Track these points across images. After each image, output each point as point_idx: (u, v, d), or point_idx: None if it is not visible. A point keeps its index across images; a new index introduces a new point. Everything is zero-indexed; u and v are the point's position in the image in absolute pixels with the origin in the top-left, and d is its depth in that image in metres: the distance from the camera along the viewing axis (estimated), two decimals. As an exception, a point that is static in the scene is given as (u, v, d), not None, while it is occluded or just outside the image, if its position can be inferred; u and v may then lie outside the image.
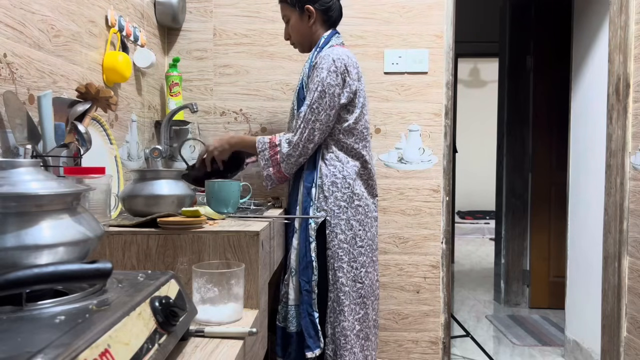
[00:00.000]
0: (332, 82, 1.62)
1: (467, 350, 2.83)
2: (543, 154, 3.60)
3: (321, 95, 1.62)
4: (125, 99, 1.79)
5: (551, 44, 3.52)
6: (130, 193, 1.35)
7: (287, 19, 1.77)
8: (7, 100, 1.06)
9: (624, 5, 2.05)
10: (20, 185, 0.70)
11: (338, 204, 1.66)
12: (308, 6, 1.72)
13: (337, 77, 1.63)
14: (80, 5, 1.44)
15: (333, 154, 1.69)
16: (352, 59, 1.69)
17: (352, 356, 1.64)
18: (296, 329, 1.65)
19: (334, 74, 1.62)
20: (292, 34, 1.78)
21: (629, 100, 2.04)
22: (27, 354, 0.47)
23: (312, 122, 1.62)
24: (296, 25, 1.75)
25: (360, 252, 1.69)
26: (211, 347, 0.89)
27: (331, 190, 1.67)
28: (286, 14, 1.77)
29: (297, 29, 1.76)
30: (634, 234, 2.01)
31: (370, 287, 1.71)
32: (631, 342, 2.02)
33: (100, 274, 0.67)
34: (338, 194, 1.67)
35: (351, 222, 1.68)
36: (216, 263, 1.07)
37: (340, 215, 1.66)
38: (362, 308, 1.68)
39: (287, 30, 1.79)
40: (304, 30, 1.76)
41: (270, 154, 1.68)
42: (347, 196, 1.68)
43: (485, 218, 7.44)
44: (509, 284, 3.73)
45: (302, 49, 1.82)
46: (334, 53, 1.66)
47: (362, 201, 1.71)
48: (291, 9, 1.74)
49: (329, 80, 1.62)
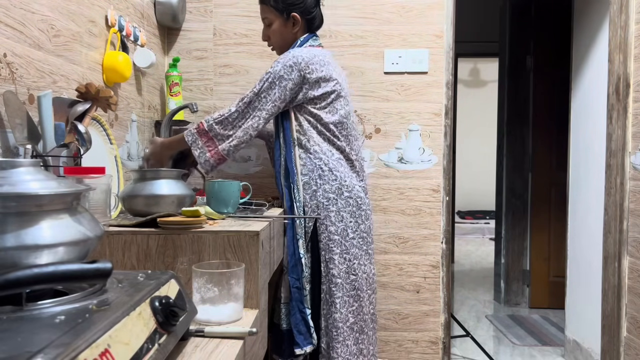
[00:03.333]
0: (286, 76, 1.64)
1: (467, 350, 2.83)
2: (543, 154, 3.60)
3: (271, 86, 1.64)
4: (125, 99, 1.79)
5: (551, 43, 3.52)
6: (130, 193, 1.35)
7: (268, 22, 1.79)
8: (7, 100, 1.06)
9: (624, 5, 2.04)
10: (20, 185, 0.70)
11: (327, 196, 1.67)
12: (295, 14, 1.74)
13: (292, 72, 1.64)
14: (80, 5, 1.44)
15: (317, 146, 1.69)
16: (318, 57, 1.69)
17: (345, 349, 1.64)
18: (287, 326, 1.66)
19: (290, 68, 1.64)
20: (274, 38, 1.80)
21: (629, 100, 2.04)
22: (27, 354, 0.47)
23: (259, 110, 1.64)
24: (279, 30, 1.78)
25: (352, 244, 1.69)
26: (211, 347, 0.89)
27: (319, 183, 1.68)
28: (268, 17, 1.78)
29: (280, 34, 1.78)
30: (634, 233, 2.01)
31: (365, 280, 1.71)
32: (631, 342, 2.02)
33: (100, 274, 0.67)
34: (326, 186, 1.68)
35: (341, 213, 1.68)
36: (216, 263, 1.07)
37: (329, 207, 1.67)
38: (356, 300, 1.68)
39: (267, 32, 1.81)
40: (287, 36, 1.78)
41: (203, 141, 1.65)
42: (336, 187, 1.68)
43: (485, 218, 7.43)
44: (509, 284, 3.73)
45: (280, 52, 1.83)
46: (297, 50, 1.69)
47: (353, 193, 1.71)
48: (276, 13, 1.76)
49: (282, 73, 1.64)
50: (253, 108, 1.65)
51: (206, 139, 1.65)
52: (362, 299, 1.70)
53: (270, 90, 1.64)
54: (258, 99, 1.65)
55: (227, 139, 1.64)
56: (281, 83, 1.64)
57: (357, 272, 1.69)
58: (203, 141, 1.64)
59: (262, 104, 1.64)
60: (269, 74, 1.65)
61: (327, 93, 1.69)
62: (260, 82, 1.66)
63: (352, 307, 1.67)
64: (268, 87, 1.64)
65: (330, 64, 1.73)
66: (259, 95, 1.65)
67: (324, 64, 1.70)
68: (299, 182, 1.68)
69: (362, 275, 1.70)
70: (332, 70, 1.72)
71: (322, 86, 1.68)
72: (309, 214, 1.67)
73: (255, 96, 1.65)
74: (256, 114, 1.64)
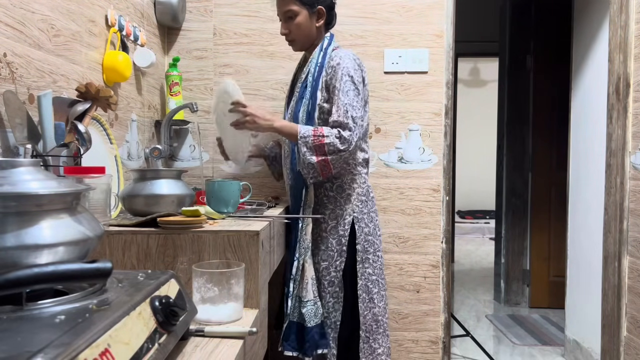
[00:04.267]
0: (359, 80, 1.69)
1: (467, 349, 2.83)
2: (543, 154, 3.60)
3: (356, 94, 1.66)
4: (125, 99, 1.79)
5: (551, 43, 3.52)
6: (130, 193, 1.35)
7: (291, 14, 1.73)
8: (7, 99, 1.06)
9: (624, 5, 2.04)
10: (20, 185, 0.70)
11: (360, 199, 1.74)
12: (321, 7, 1.75)
13: (360, 76, 1.70)
14: (80, 5, 1.44)
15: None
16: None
17: (386, 338, 1.76)
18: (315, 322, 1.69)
19: (359, 72, 1.70)
20: (296, 31, 1.75)
21: (629, 99, 2.04)
22: (27, 354, 0.47)
23: (360, 120, 1.66)
24: (304, 23, 1.74)
25: (380, 240, 1.80)
26: (211, 347, 0.89)
27: (353, 187, 1.74)
28: (292, 9, 1.72)
29: (305, 27, 1.74)
30: (634, 233, 2.01)
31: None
32: (631, 342, 2.02)
33: (100, 274, 0.67)
34: (359, 190, 1.75)
35: (371, 214, 1.77)
36: (216, 263, 1.07)
37: (363, 210, 1.74)
38: (386, 292, 1.82)
39: (288, 25, 1.75)
40: (311, 30, 1.76)
41: (314, 142, 1.61)
42: (366, 190, 1.76)
43: (485, 218, 7.43)
44: (509, 284, 3.73)
45: (300, 47, 1.80)
46: (351, 53, 1.73)
47: (373, 192, 1.82)
48: (301, 6, 1.72)
49: (357, 78, 1.68)
50: (355, 119, 1.64)
51: (317, 141, 1.62)
52: (387, 289, 1.86)
53: (358, 98, 1.66)
54: (354, 109, 1.64)
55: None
56: (360, 87, 1.68)
57: (384, 266, 1.82)
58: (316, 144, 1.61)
59: (357, 112, 1.65)
60: (349, 83, 1.65)
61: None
62: (346, 95, 1.64)
63: (386, 299, 1.80)
64: (355, 95, 1.65)
65: None
66: (354, 106, 1.64)
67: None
68: (338, 185, 1.74)
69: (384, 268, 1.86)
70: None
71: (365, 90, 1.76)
72: (345, 217, 1.72)
73: (353, 110, 1.64)
74: (360, 123, 1.66)
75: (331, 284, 1.70)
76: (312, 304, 1.65)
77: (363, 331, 1.72)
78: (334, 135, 1.60)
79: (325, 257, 1.71)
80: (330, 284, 1.70)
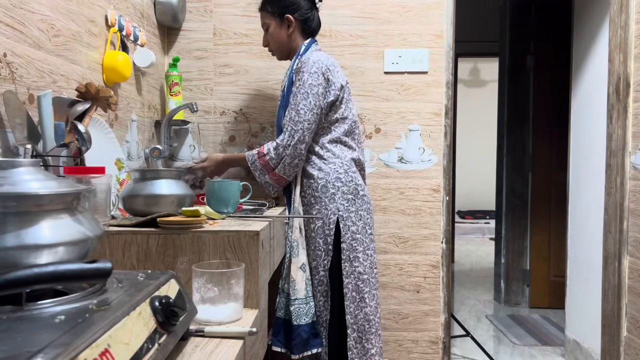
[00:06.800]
0: (314, 83, 1.70)
1: (467, 350, 2.83)
2: (543, 153, 3.60)
3: (305, 97, 1.69)
4: (125, 99, 1.79)
5: (551, 43, 3.52)
6: (130, 193, 1.35)
7: (266, 27, 1.86)
8: (7, 100, 1.06)
9: (624, 5, 2.04)
10: (20, 185, 0.70)
11: (346, 198, 1.74)
12: (288, 15, 1.80)
13: (319, 77, 1.71)
14: (80, 5, 1.44)
15: (329, 151, 1.76)
16: (330, 59, 1.78)
17: (378, 338, 1.75)
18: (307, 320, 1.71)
19: (315, 75, 1.70)
20: (271, 42, 1.87)
21: (629, 99, 2.04)
22: (27, 354, 0.47)
23: (300, 123, 1.69)
24: (275, 33, 1.84)
25: (371, 239, 1.79)
26: (211, 347, 0.89)
27: (337, 186, 1.74)
28: (266, 22, 1.85)
29: (276, 37, 1.84)
30: (634, 233, 2.01)
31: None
32: (631, 342, 2.02)
33: (100, 274, 0.67)
34: (344, 188, 1.74)
35: (360, 212, 1.76)
36: (216, 263, 1.07)
37: (349, 208, 1.74)
38: (377, 291, 1.81)
39: (266, 37, 1.87)
40: (282, 39, 1.84)
41: (260, 163, 1.74)
42: (352, 188, 1.76)
43: (486, 218, 7.43)
44: (509, 284, 3.73)
45: (279, 57, 1.91)
46: (313, 56, 1.75)
47: (365, 191, 1.80)
48: (271, 17, 1.82)
49: (310, 81, 1.70)
50: (295, 123, 1.69)
51: (262, 162, 1.74)
52: (378, 289, 1.84)
53: (305, 101, 1.69)
54: (298, 113, 1.69)
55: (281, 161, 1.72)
56: (312, 90, 1.69)
57: (376, 265, 1.81)
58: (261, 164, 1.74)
59: (301, 116, 1.69)
60: (300, 86, 1.70)
61: (341, 98, 1.77)
62: (294, 97, 1.71)
63: (377, 299, 1.78)
64: (303, 98, 1.69)
65: (339, 69, 1.81)
66: (298, 110, 1.69)
67: (337, 69, 1.78)
68: (323, 185, 1.74)
69: (376, 268, 1.83)
70: (341, 75, 1.80)
71: (338, 89, 1.75)
72: (330, 216, 1.73)
73: (295, 113, 1.69)
74: (300, 127, 1.70)
75: (320, 282, 1.72)
76: (301, 302, 1.67)
77: (355, 331, 1.72)
78: (271, 149, 1.72)
79: (314, 257, 1.73)
80: (320, 282, 1.72)
